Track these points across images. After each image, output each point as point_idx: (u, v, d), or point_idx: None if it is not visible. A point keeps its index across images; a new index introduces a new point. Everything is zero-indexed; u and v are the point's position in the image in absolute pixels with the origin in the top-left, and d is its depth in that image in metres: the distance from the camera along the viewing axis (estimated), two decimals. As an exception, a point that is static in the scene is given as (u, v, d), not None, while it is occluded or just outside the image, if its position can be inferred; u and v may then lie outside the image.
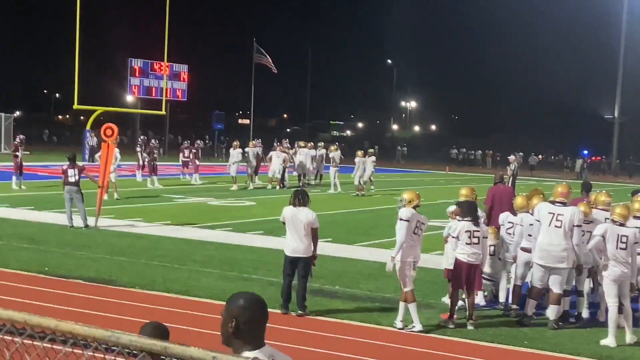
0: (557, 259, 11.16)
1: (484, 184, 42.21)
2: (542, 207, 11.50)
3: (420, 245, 11.08)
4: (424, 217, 11.15)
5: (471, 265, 11.02)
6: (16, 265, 13.90)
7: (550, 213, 11.25)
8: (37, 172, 37.12)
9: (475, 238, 11.06)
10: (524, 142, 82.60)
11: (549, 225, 11.19)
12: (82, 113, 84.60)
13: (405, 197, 11.09)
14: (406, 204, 10.99)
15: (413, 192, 11.24)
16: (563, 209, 11.26)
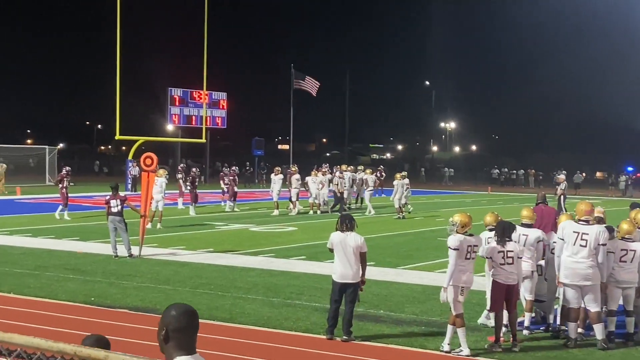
0: (583, 277, 11.07)
1: (527, 203, 41.87)
2: (567, 225, 11.41)
3: (472, 269, 10.93)
4: (475, 239, 11.00)
5: (508, 286, 10.91)
6: (64, 296, 14.06)
7: (575, 232, 11.18)
8: (82, 202, 37.59)
9: (510, 258, 10.95)
10: (566, 159, 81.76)
11: (574, 244, 11.12)
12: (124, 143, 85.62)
13: (456, 220, 10.96)
14: (458, 229, 10.88)
15: (465, 215, 11.07)
16: (588, 228, 11.18)
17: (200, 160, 68.56)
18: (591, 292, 11.11)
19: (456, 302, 10.72)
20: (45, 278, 15.99)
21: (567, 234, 11.25)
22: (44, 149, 57.22)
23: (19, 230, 24.82)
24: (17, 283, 15.34)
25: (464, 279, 10.76)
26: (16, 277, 16.00)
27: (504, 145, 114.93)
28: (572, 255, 11.13)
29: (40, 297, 14.05)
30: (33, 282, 15.53)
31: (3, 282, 15.38)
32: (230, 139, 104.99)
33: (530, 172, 72.36)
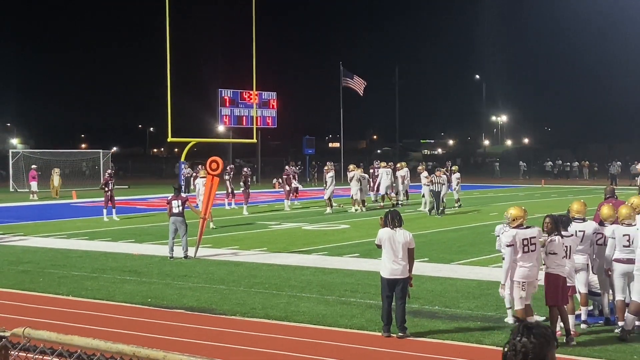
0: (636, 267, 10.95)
1: (581, 195, 41.29)
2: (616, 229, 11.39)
3: (535, 262, 10.81)
4: (532, 230, 10.90)
5: (559, 278, 10.79)
6: (121, 298, 14.26)
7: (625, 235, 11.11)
8: (136, 205, 38.10)
9: (563, 251, 10.86)
10: (621, 150, 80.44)
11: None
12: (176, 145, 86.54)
13: (509, 214, 10.96)
14: (510, 223, 10.86)
15: (518, 209, 11.03)
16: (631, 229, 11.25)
17: (252, 160, 68.92)
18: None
19: (516, 297, 10.65)
20: (103, 280, 16.24)
21: (618, 237, 11.24)
22: (98, 153, 58.14)
23: (76, 233, 25.25)
24: (76, 286, 15.60)
25: (524, 274, 10.69)
26: (74, 280, 16.28)
27: (557, 137, 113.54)
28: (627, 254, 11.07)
29: (98, 299, 14.28)
30: (91, 284, 15.78)
31: (62, 285, 15.66)
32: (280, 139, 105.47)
33: (584, 163, 71.25)
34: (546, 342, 3.49)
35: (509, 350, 3.50)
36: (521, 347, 3.46)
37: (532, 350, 3.43)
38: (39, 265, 18.45)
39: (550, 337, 3.51)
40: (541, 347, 3.45)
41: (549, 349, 3.48)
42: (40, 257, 19.89)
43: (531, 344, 3.45)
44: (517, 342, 3.47)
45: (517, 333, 3.50)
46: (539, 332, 3.49)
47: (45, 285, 15.66)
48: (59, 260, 19.19)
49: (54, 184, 45.34)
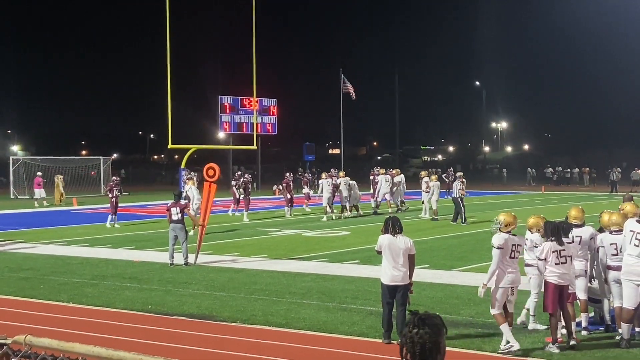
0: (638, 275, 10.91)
1: (582, 202, 41.28)
2: (628, 224, 11.25)
3: (517, 268, 10.92)
4: (519, 238, 11.04)
5: (562, 287, 10.79)
6: (121, 305, 14.26)
7: (632, 231, 11.02)
8: (136, 212, 38.11)
9: (563, 258, 10.84)
10: (621, 157, 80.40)
11: (630, 242, 10.97)
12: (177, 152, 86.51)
13: (501, 219, 11.00)
14: (502, 228, 10.91)
15: (509, 215, 11.13)
16: None
17: (252, 166, 68.96)
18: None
19: (495, 301, 10.69)
20: (103, 287, 16.23)
21: (626, 233, 11.12)
22: (99, 159, 58.16)
23: (76, 240, 25.25)
24: (76, 293, 15.60)
25: (512, 280, 10.77)
26: (75, 287, 16.28)
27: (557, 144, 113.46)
28: (630, 254, 10.96)
29: (98, 306, 14.27)
30: (91, 291, 15.78)
31: (62, 292, 15.66)
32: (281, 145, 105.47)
33: (584, 170, 71.21)
34: (438, 330, 3.69)
35: (406, 342, 3.68)
36: (418, 339, 3.64)
37: (428, 340, 3.63)
38: (40, 272, 18.45)
39: (441, 326, 3.71)
40: (435, 336, 3.65)
41: (441, 337, 3.69)
42: (41, 264, 19.88)
43: (427, 334, 3.64)
44: (414, 335, 3.66)
45: (411, 325, 3.69)
46: (431, 322, 3.69)
47: (45, 292, 15.66)
48: (60, 267, 19.19)
49: (59, 190, 45.35)
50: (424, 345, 3.65)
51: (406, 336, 3.71)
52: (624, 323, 11.01)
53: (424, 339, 3.66)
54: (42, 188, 44.74)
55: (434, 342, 3.67)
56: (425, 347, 3.65)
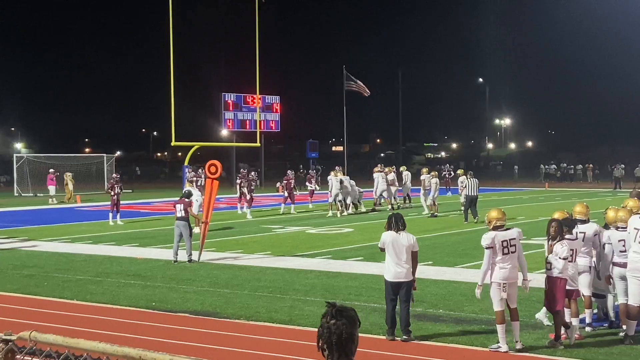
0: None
1: (585, 198, 41.23)
2: (631, 221, 11.23)
3: (515, 264, 10.74)
4: (511, 232, 10.81)
5: (562, 280, 10.78)
6: (125, 302, 14.27)
7: (636, 228, 10.99)
8: (139, 209, 38.14)
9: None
10: (625, 153, 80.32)
11: (634, 240, 10.93)
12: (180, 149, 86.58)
13: (485, 217, 11.07)
14: (488, 225, 10.93)
15: (494, 211, 11.01)
16: None
17: (256, 164, 69.01)
18: None
19: (494, 299, 10.66)
20: (107, 284, 16.25)
21: (630, 230, 11.10)
22: (102, 157, 58.24)
23: (80, 237, 25.29)
24: (80, 290, 15.62)
25: (504, 275, 10.65)
26: (79, 284, 16.30)
27: (560, 141, 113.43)
28: (636, 251, 10.95)
29: (103, 303, 14.29)
30: (95, 288, 15.80)
31: (66, 289, 15.68)
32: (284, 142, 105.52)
33: (588, 166, 71.18)
34: (354, 322, 3.94)
35: (323, 332, 3.93)
36: (335, 329, 3.89)
37: (344, 331, 3.88)
38: (44, 269, 18.48)
39: (355, 318, 3.96)
40: (351, 327, 3.91)
41: (355, 329, 3.94)
42: (45, 261, 19.92)
43: (343, 325, 3.90)
44: (332, 325, 3.90)
45: (329, 316, 3.94)
46: (347, 314, 3.94)
47: (49, 290, 15.69)
48: (63, 265, 19.21)
49: (68, 188, 45.41)
50: (340, 335, 3.88)
51: (323, 326, 3.93)
52: (628, 320, 11.01)
53: (340, 330, 3.89)
54: (55, 184, 44.83)
55: (350, 333, 3.90)
56: (342, 337, 3.88)
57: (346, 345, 3.92)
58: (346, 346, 3.92)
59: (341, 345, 3.91)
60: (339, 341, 3.90)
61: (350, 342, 3.93)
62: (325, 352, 3.97)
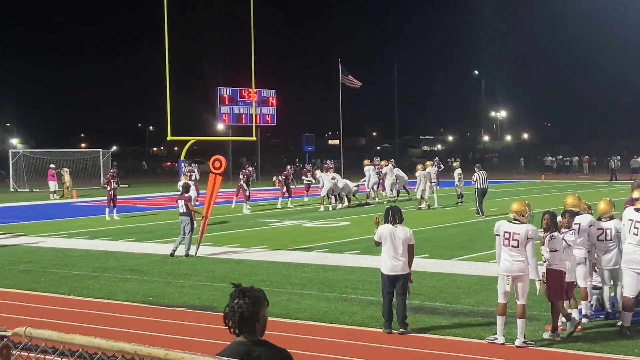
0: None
1: (582, 190, 41.31)
2: (626, 213, 11.25)
3: (518, 258, 10.55)
4: (519, 227, 10.65)
5: (561, 273, 10.79)
6: (122, 297, 14.27)
7: (630, 220, 11.00)
8: (136, 204, 38.11)
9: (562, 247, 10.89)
10: (622, 145, 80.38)
11: (629, 231, 10.94)
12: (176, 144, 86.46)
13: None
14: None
15: (515, 204, 10.97)
16: None
17: (252, 158, 69.01)
18: None
19: (502, 292, 10.59)
20: (104, 279, 16.25)
21: (624, 222, 11.14)
22: (98, 152, 58.14)
23: (76, 232, 25.27)
24: (77, 285, 15.62)
25: (505, 267, 10.60)
26: (75, 279, 16.29)
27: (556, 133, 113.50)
28: (630, 243, 10.98)
29: (99, 298, 14.29)
30: (92, 283, 15.80)
31: (63, 284, 15.68)
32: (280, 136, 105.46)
33: (584, 159, 71.26)
34: (258, 301, 4.35)
35: (228, 311, 4.33)
36: (238, 308, 4.29)
37: (247, 310, 4.29)
38: (40, 264, 18.46)
39: (261, 298, 4.38)
40: (254, 306, 4.31)
41: (260, 307, 4.35)
42: (41, 256, 19.90)
43: (246, 304, 4.30)
44: (235, 304, 4.31)
45: (234, 297, 4.34)
46: (252, 294, 4.35)
47: (46, 285, 15.68)
48: (60, 260, 19.20)
49: (65, 184, 45.36)
50: (242, 314, 4.29)
51: (229, 306, 4.33)
52: (624, 311, 11.04)
53: (242, 309, 4.29)
54: (55, 180, 44.79)
55: (252, 311, 4.31)
56: (244, 315, 4.29)
57: (249, 322, 4.31)
58: (249, 323, 4.32)
59: (244, 322, 4.30)
60: (241, 319, 4.29)
61: (254, 320, 4.32)
62: (231, 329, 4.37)
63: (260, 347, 4.40)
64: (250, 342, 4.38)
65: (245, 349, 4.35)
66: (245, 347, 4.37)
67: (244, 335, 4.37)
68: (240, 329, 4.35)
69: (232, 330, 4.38)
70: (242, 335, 4.36)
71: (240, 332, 4.36)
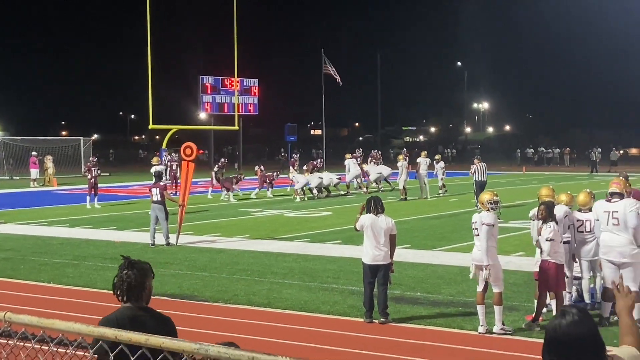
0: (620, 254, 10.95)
1: (563, 182, 41.54)
2: (599, 205, 11.30)
3: (480, 246, 10.79)
4: (477, 216, 10.99)
5: (558, 266, 10.84)
6: (103, 285, 14.19)
7: (606, 212, 11.06)
8: (117, 192, 37.95)
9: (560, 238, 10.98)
10: (602, 137, 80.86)
11: (607, 223, 11.01)
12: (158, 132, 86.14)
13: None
14: None
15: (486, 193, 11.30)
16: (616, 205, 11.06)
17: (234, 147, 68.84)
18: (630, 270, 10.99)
19: (479, 280, 10.85)
20: (84, 267, 16.18)
21: (598, 215, 11.21)
22: (79, 140, 57.79)
23: (57, 221, 25.13)
24: (57, 273, 15.54)
25: (473, 256, 11.03)
26: (55, 267, 16.21)
27: (538, 125, 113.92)
28: (607, 233, 11.02)
29: (79, 286, 14.23)
30: (72, 271, 15.73)
31: (43, 272, 15.60)
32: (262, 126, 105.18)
33: (565, 151, 71.65)
34: (144, 273, 4.92)
35: (117, 281, 4.92)
36: (126, 278, 4.88)
37: (134, 280, 4.85)
38: (20, 252, 18.36)
39: (147, 270, 4.96)
40: (141, 277, 4.87)
41: (147, 278, 4.92)
42: (21, 244, 19.78)
43: (133, 274, 4.86)
44: (124, 275, 4.89)
45: (123, 268, 4.93)
46: (139, 266, 4.93)
47: (26, 273, 15.59)
48: (40, 248, 19.09)
49: (47, 171, 45.09)
50: (130, 283, 4.84)
51: (118, 276, 4.91)
52: (604, 301, 11.12)
53: (131, 279, 4.85)
54: (37, 168, 44.54)
55: (139, 282, 4.86)
56: (132, 284, 4.84)
57: (135, 291, 4.86)
58: (135, 292, 4.87)
59: (131, 290, 4.86)
60: (129, 287, 4.85)
61: (141, 289, 4.88)
62: (119, 297, 4.92)
63: (145, 313, 4.92)
64: (137, 308, 4.89)
65: (131, 313, 4.83)
66: (132, 311, 4.86)
67: (131, 302, 4.89)
68: (128, 297, 4.88)
69: (120, 299, 4.92)
70: (129, 302, 4.90)
71: (128, 300, 4.89)
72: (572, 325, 3.44)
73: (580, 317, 3.46)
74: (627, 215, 10.82)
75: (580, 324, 3.43)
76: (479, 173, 28.43)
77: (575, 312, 3.48)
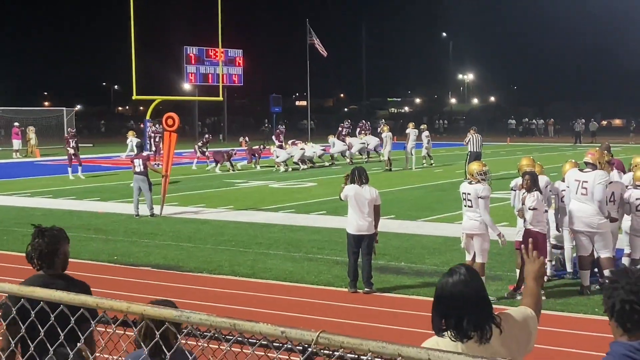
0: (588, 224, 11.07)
1: (546, 153, 41.67)
2: (571, 174, 11.39)
3: (468, 216, 10.90)
4: (469, 187, 10.95)
5: (541, 234, 10.88)
6: (87, 256, 14.17)
7: (577, 180, 11.15)
8: (100, 163, 37.80)
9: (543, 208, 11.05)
10: (586, 109, 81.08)
11: (576, 192, 11.10)
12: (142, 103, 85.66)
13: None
14: None
15: (475, 164, 11.34)
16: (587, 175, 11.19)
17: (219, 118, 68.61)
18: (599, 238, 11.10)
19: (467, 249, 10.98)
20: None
21: (569, 183, 11.30)
22: (62, 110, 57.36)
23: (39, 192, 25.01)
24: (41, 244, 15.46)
25: (462, 225, 11.16)
26: (39, 238, 16.13)
27: (522, 96, 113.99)
28: (576, 202, 11.13)
29: (64, 257, 14.17)
30: (56, 242, 15.65)
31: (26, 243, 15.45)
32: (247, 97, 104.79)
33: (549, 122, 71.86)
34: (56, 239, 5.17)
35: (30, 249, 5.09)
36: (38, 246, 5.05)
37: (45, 247, 5.04)
38: (3, 223, 18.28)
39: (60, 236, 5.23)
40: (53, 244, 5.10)
41: (59, 245, 5.19)
42: (4, 215, 19.70)
43: (44, 242, 5.07)
44: (35, 243, 5.06)
45: (34, 236, 5.10)
46: (50, 233, 5.15)
47: (9, 244, 15.54)
48: (23, 219, 18.99)
49: (30, 141, 44.83)
50: (42, 251, 5.03)
51: (30, 244, 5.08)
52: (581, 270, 11.22)
53: (42, 246, 5.04)
54: (20, 138, 44.29)
55: (51, 249, 5.08)
56: (43, 252, 5.03)
57: (48, 258, 5.07)
58: (48, 259, 5.07)
59: (43, 258, 5.05)
60: (41, 255, 5.03)
61: (54, 256, 5.09)
62: (34, 266, 5.07)
63: (58, 280, 5.04)
64: (49, 275, 5.05)
65: (42, 281, 4.86)
66: (43, 279, 4.95)
67: (44, 270, 5.05)
68: (40, 265, 5.03)
69: (34, 267, 5.04)
70: (42, 269, 5.04)
71: (41, 268, 5.04)
72: (459, 284, 3.49)
73: (466, 276, 3.51)
74: (595, 187, 10.93)
75: (466, 283, 3.49)
76: (473, 144, 28.03)
77: (463, 271, 3.53)
